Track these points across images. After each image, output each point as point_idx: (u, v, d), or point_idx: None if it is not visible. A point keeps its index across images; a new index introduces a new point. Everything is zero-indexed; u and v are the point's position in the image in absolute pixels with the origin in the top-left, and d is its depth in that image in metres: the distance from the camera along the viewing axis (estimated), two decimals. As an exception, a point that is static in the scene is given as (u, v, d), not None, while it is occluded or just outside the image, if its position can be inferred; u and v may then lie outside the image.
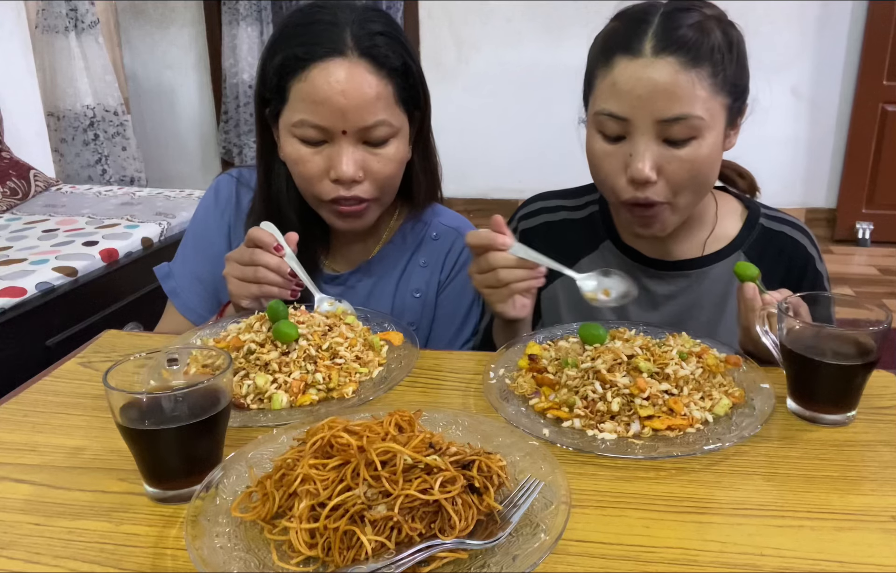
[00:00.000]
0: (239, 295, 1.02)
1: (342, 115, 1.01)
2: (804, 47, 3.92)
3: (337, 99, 1.00)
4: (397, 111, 1.06)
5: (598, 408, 0.79)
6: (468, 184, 4.38)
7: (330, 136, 1.03)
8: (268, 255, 0.99)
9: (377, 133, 1.04)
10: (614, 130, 0.97)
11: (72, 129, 3.69)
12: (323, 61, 1.01)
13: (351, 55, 1.01)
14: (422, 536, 0.56)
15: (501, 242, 0.95)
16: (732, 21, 0.99)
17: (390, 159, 1.07)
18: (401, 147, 1.08)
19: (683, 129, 0.93)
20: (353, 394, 0.87)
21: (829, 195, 4.16)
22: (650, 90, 0.92)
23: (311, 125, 1.02)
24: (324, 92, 1.00)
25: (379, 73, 1.02)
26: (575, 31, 3.95)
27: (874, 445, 0.76)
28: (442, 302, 1.21)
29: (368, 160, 1.05)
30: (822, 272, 1.10)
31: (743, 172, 1.18)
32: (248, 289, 1.01)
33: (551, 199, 1.22)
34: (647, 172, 0.94)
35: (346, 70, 1.01)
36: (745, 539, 0.62)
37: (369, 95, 1.01)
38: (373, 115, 1.02)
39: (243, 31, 4.28)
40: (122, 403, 0.65)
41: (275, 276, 1.00)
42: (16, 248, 2.13)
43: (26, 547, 0.62)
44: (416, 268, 1.21)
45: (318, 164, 1.05)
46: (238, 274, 1.01)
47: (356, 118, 1.01)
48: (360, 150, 1.04)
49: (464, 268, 1.21)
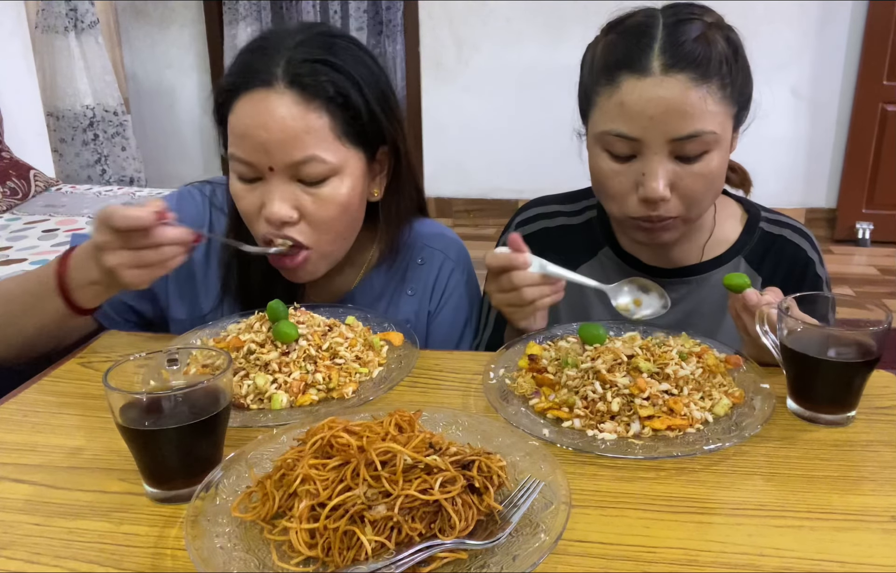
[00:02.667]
0: (140, 283, 0.89)
1: (265, 151, 0.93)
2: (804, 47, 3.92)
3: (258, 133, 0.93)
4: (336, 146, 0.96)
5: (598, 409, 0.79)
6: (468, 184, 4.38)
7: (259, 172, 0.96)
8: (166, 230, 0.87)
9: (309, 170, 0.95)
10: (623, 150, 0.95)
11: (71, 129, 3.69)
12: (248, 92, 0.94)
13: (277, 85, 0.93)
14: (422, 536, 0.56)
15: (523, 261, 0.93)
16: (731, 25, 0.98)
17: (327, 200, 0.96)
18: (342, 187, 0.97)
19: (697, 145, 0.92)
20: (353, 394, 0.87)
21: (829, 195, 4.16)
22: (662, 110, 0.91)
23: (239, 160, 0.96)
24: (245, 125, 0.94)
25: (309, 105, 0.94)
26: (575, 31, 3.95)
27: (874, 445, 0.76)
28: (434, 330, 1.16)
29: (302, 199, 0.96)
30: (823, 276, 1.10)
31: (734, 166, 1.16)
32: (153, 274, 0.89)
33: (549, 204, 1.20)
34: (662, 191, 0.93)
35: (270, 101, 0.93)
36: (745, 539, 0.62)
37: (294, 129, 0.93)
38: (300, 150, 0.93)
39: (242, 31, 4.27)
40: (122, 403, 0.65)
41: (179, 248, 0.89)
42: (16, 248, 2.13)
43: (26, 547, 0.62)
44: (403, 297, 1.15)
45: (252, 201, 0.97)
46: (134, 262, 0.87)
47: (281, 154, 0.93)
48: (292, 188, 0.96)
49: (454, 293, 1.17)
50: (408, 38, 4.23)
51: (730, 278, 0.90)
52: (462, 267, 1.19)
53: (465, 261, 1.20)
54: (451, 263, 1.17)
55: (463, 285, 1.18)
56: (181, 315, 1.12)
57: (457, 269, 1.17)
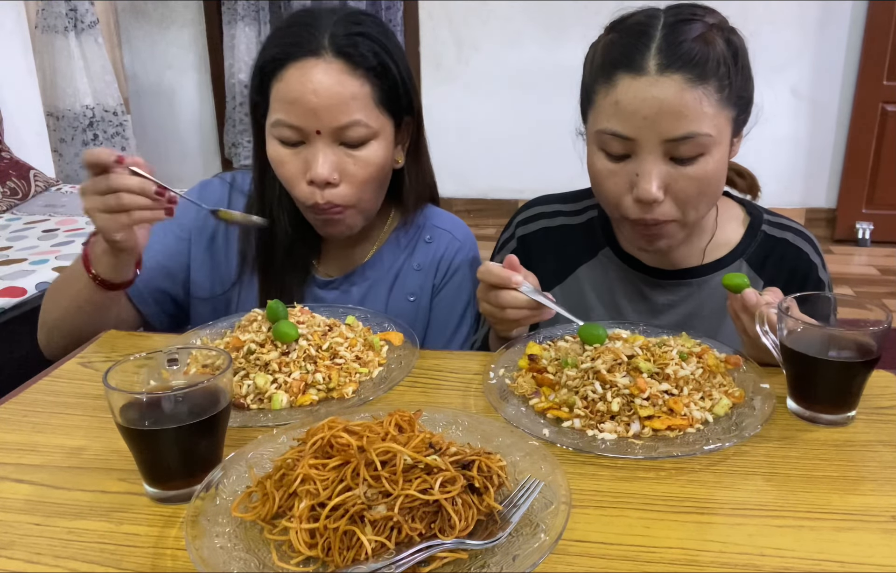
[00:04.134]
0: (108, 229, 0.94)
1: (315, 115, 1.00)
2: (804, 47, 3.92)
3: (309, 98, 1.00)
4: (376, 113, 1.04)
5: (598, 409, 0.79)
6: (468, 184, 4.39)
7: (305, 136, 1.02)
8: (126, 177, 0.91)
9: (352, 133, 1.03)
10: (618, 149, 0.95)
11: (71, 129, 3.69)
12: (298, 61, 1.01)
13: (325, 55, 1.01)
14: (422, 536, 0.56)
15: (516, 282, 0.93)
16: (734, 28, 0.97)
17: (368, 162, 1.05)
18: (380, 150, 1.06)
19: (691, 147, 0.91)
20: (353, 394, 0.87)
21: (829, 195, 4.16)
22: (656, 110, 0.90)
23: (286, 125, 1.02)
24: (296, 91, 1.00)
25: (354, 73, 1.02)
26: (575, 31, 3.95)
27: (874, 445, 0.76)
28: (436, 306, 1.21)
29: (345, 162, 1.04)
30: (825, 281, 1.09)
31: (743, 172, 1.16)
32: (118, 221, 0.93)
33: (550, 203, 1.20)
34: (654, 192, 0.93)
35: (320, 69, 1.00)
36: (745, 539, 0.62)
37: (343, 95, 1.01)
38: (346, 114, 1.01)
39: (241, 30, 4.27)
40: (122, 403, 0.65)
41: (141, 199, 0.93)
42: (16, 248, 2.13)
43: (26, 547, 0.62)
44: (410, 271, 1.21)
45: (296, 165, 1.04)
46: (100, 206, 0.92)
47: (329, 117, 1.01)
48: (336, 151, 1.03)
49: (458, 272, 1.20)
50: (408, 37, 4.23)
51: (729, 278, 0.89)
52: (468, 249, 1.23)
53: (472, 245, 1.24)
54: (458, 243, 1.22)
55: (467, 266, 1.22)
56: (203, 293, 1.19)
57: (463, 249, 1.22)
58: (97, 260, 1.01)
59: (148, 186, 0.94)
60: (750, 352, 0.91)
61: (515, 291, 0.93)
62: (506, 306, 0.93)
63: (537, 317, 0.96)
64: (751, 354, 0.90)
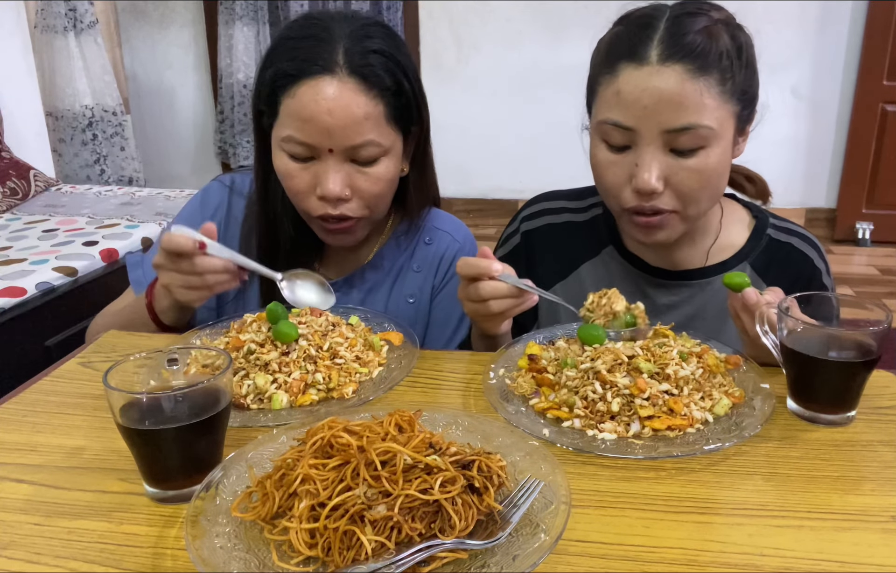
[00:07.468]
0: (190, 300, 1.01)
1: (328, 134, 1.00)
2: (804, 47, 3.92)
3: (323, 118, 0.99)
4: (388, 130, 1.05)
5: (598, 409, 0.79)
6: (468, 184, 4.38)
7: (317, 153, 1.02)
8: (212, 260, 0.97)
9: (365, 152, 1.03)
10: (619, 140, 0.95)
11: (70, 129, 3.69)
12: (312, 79, 1.00)
13: (340, 73, 1.00)
14: (422, 536, 0.56)
15: (495, 270, 0.91)
16: (741, 24, 0.97)
17: (378, 178, 1.05)
18: (390, 166, 1.07)
19: (691, 138, 0.91)
20: (353, 394, 0.87)
21: (829, 195, 4.16)
22: (656, 100, 0.90)
23: (298, 142, 1.02)
24: (310, 110, 1.00)
25: (369, 93, 1.01)
26: (575, 31, 3.95)
27: (874, 445, 0.76)
28: (436, 307, 1.21)
29: (356, 178, 1.04)
30: (829, 286, 1.08)
31: (753, 177, 1.15)
32: (200, 294, 1.00)
33: (555, 199, 1.20)
34: (653, 183, 0.93)
35: (335, 88, 0.99)
36: (745, 539, 0.62)
37: (357, 115, 1.00)
38: (360, 134, 1.01)
39: (239, 30, 4.27)
40: (122, 403, 0.65)
41: (224, 275, 0.99)
42: (16, 248, 2.13)
43: (26, 547, 0.62)
44: (409, 273, 1.21)
45: (306, 179, 1.04)
46: (182, 283, 0.99)
47: (342, 137, 1.00)
48: (347, 167, 1.04)
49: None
50: (408, 37, 4.23)
51: (729, 277, 0.89)
52: (468, 250, 1.23)
53: (472, 246, 1.24)
54: (458, 244, 1.22)
55: None
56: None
57: (462, 250, 1.22)
58: (163, 312, 1.06)
59: (231, 266, 0.99)
60: (750, 352, 0.91)
61: (494, 281, 0.91)
62: (487, 298, 0.92)
63: (520, 306, 0.94)
64: (751, 354, 0.90)
